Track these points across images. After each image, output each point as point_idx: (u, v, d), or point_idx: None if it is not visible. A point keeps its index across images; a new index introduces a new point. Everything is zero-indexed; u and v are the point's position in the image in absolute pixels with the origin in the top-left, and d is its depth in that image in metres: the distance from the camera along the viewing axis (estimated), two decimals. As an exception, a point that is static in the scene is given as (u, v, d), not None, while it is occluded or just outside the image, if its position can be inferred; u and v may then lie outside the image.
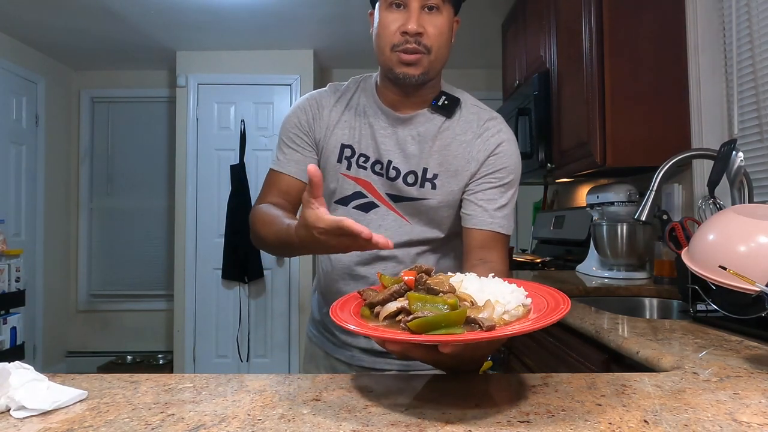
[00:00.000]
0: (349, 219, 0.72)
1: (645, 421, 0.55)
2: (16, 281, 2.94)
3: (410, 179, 1.03)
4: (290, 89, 4.06)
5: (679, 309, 1.65)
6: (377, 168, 1.04)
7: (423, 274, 0.68)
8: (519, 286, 0.68)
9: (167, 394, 0.66)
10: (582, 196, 2.74)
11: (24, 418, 0.57)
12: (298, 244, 0.82)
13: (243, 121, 4.05)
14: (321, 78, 4.38)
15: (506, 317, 0.62)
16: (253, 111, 4.07)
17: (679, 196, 1.98)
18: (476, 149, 1.03)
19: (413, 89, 1.03)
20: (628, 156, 1.96)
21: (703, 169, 1.86)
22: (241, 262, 3.92)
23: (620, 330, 1.08)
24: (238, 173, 3.98)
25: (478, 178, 1.02)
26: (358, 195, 1.06)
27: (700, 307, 1.17)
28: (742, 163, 1.38)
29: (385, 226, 1.04)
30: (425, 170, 1.03)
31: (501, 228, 1.00)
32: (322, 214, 0.74)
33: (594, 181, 2.63)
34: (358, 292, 0.71)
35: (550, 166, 2.49)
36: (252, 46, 3.98)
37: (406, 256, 1.05)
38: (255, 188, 4.00)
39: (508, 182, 1.03)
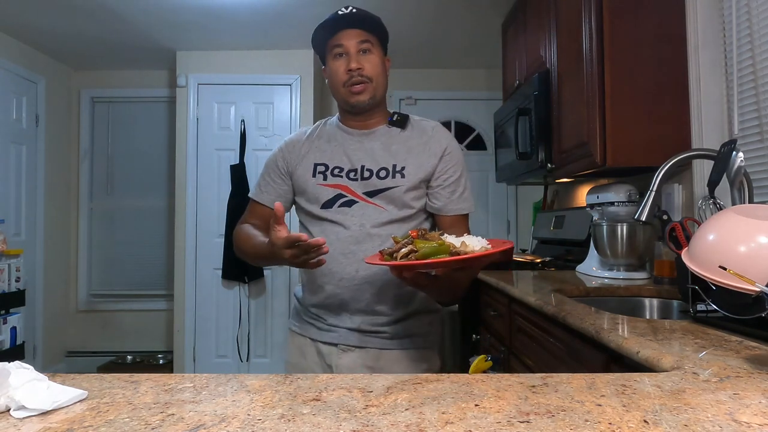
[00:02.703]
0: (300, 234, 1.03)
1: (645, 421, 0.55)
2: (16, 281, 2.95)
3: (382, 174, 1.28)
4: (290, 89, 4.06)
5: (679, 309, 1.65)
6: (351, 175, 1.29)
7: (422, 230, 1.02)
8: (488, 242, 1.00)
9: (167, 394, 0.66)
10: (582, 196, 2.74)
11: (24, 417, 0.57)
12: (269, 254, 1.11)
13: (243, 121, 4.05)
14: (321, 78, 4.37)
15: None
16: (253, 111, 4.07)
17: (679, 196, 1.98)
18: (433, 147, 1.30)
19: (367, 114, 1.32)
20: (628, 156, 1.96)
21: (703, 169, 1.86)
22: (241, 262, 3.89)
23: (620, 330, 1.08)
24: (239, 173, 3.97)
25: (441, 175, 1.30)
26: (340, 196, 1.29)
27: (700, 307, 1.17)
28: (742, 164, 1.38)
29: (367, 215, 1.26)
30: (394, 165, 1.28)
31: (462, 210, 1.32)
32: (281, 234, 1.05)
33: (594, 181, 2.63)
34: (380, 251, 1.01)
35: (550, 166, 2.48)
36: (252, 46, 3.98)
37: (387, 234, 1.26)
38: (255, 188, 4.00)
39: (459, 174, 1.32)
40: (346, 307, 1.27)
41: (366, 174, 1.28)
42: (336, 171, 1.30)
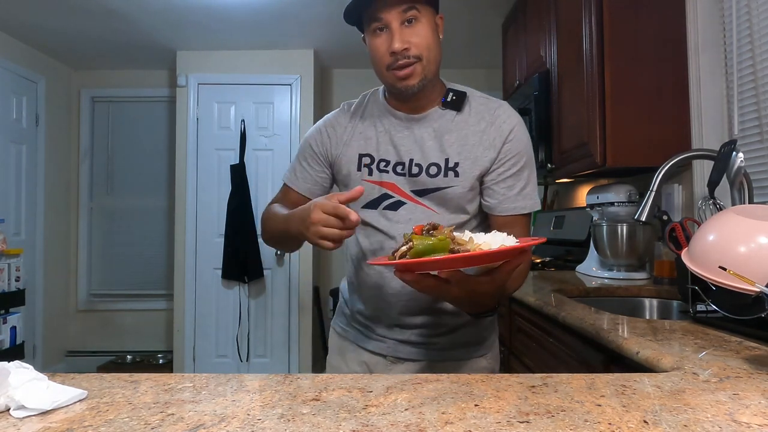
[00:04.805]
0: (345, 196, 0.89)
1: (645, 422, 0.55)
2: (16, 281, 2.94)
3: (432, 171, 1.09)
4: (290, 89, 4.06)
5: (679, 309, 1.65)
6: (399, 169, 1.11)
7: (430, 226, 0.84)
8: (517, 240, 0.83)
9: (167, 393, 0.66)
10: (582, 196, 2.74)
11: (24, 417, 0.57)
12: (296, 225, 0.95)
13: (243, 120, 4.05)
14: (321, 78, 4.38)
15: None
16: (253, 111, 4.07)
17: (679, 197, 1.98)
18: (492, 136, 1.09)
19: (417, 95, 1.09)
20: (628, 156, 1.96)
21: (703, 169, 1.86)
22: (241, 262, 3.92)
23: (620, 330, 1.08)
24: (238, 173, 3.97)
25: (498, 167, 1.08)
26: (386, 196, 1.12)
27: (700, 307, 1.17)
28: (742, 164, 1.38)
29: (414, 219, 1.08)
30: (447, 160, 1.09)
31: (523, 209, 1.09)
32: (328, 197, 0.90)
33: (594, 182, 2.63)
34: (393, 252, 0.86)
35: (550, 166, 2.49)
36: (252, 46, 3.98)
37: None
38: (255, 188, 4.01)
39: (522, 165, 1.09)
40: (396, 320, 1.14)
41: (414, 170, 1.10)
42: (382, 165, 1.12)
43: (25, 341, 3.03)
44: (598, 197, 2.20)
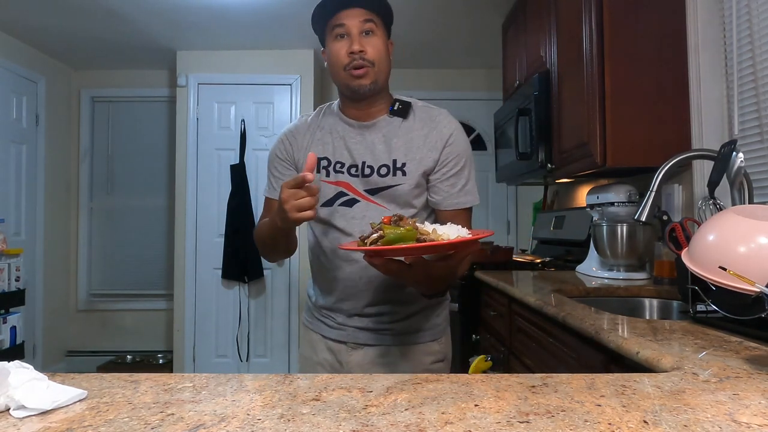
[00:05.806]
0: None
1: (645, 422, 0.55)
2: (16, 281, 2.94)
3: (383, 171, 1.23)
4: (290, 89, 4.06)
5: (679, 309, 1.65)
6: (353, 171, 1.25)
7: (396, 216, 0.98)
8: (469, 232, 0.97)
9: (167, 393, 0.66)
10: (582, 196, 2.74)
11: (24, 417, 0.57)
12: (276, 217, 1.08)
13: (243, 120, 4.05)
14: (321, 78, 4.37)
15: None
16: (254, 111, 4.07)
17: (679, 197, 1.98)
18: (434, 139, 1.24)
19: (368, 99, 1.25)
20: (628, 156, 1.96)
21: (703, 169, 1.86)
22: (241, 262, 3.92)
23: (620, 330, 1.08)
24: (239, 173, 3.98)
25: (441, 168, 1.24)
26: (341, 194, 1.25)
27: (700, 307, 1.17)
28: (743, 164, 1.38)
29: (369, 216, 1.22)
30: (395, 161, 1.23)
31: (465, 204, 1.26)
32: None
33: (594, 182, 2.63)
34: (360, 237, 0.98)
35: (550, 166, 2.48)
36: (252, 46, 3.98)
37: None
38: (255, 188, 4.01)
39: (462, 165, 1.25)
40: (355, 310, 1.27)
41: (367, 171, 1.24)
42: (338, 166, 1.25)
43: (25, 341, 3.03)
44: (598, 197, 2.20)
